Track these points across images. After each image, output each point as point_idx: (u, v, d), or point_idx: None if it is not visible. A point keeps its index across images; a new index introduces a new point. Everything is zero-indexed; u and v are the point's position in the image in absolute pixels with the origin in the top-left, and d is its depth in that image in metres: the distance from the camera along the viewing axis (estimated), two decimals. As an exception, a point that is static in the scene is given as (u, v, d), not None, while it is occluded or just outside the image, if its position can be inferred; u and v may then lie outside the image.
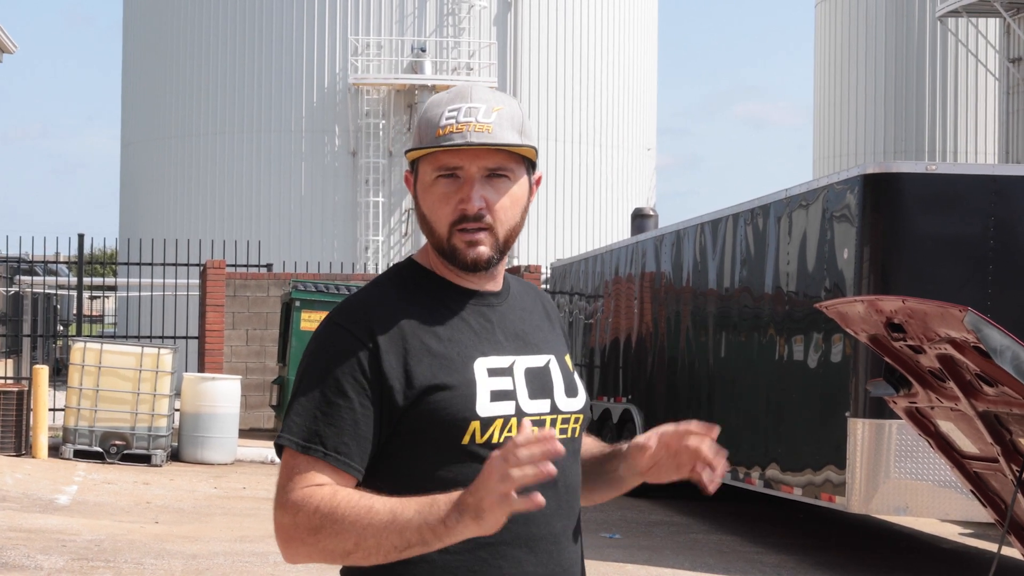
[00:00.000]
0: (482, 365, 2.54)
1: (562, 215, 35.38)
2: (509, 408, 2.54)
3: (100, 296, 46.61)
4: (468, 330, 2.58)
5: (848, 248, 10.87)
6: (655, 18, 38.80)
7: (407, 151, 2.60)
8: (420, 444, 2.52)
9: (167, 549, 11.24)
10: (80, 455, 17.20)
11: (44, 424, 17.40)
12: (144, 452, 17.20)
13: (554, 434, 2.30)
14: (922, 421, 5.29)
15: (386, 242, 33.94)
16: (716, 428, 2.63)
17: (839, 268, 11.03)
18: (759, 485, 12.26)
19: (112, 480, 15.77)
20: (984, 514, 6.45)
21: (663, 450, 2.65)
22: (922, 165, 10.82)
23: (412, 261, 2.67)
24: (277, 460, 2.58)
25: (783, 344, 12.04)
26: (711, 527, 13.78)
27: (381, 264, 33.16)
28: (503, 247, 2.58)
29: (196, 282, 23.02)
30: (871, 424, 10.49)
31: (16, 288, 28.32)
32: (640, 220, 21.87)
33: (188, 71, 35.35)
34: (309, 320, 19.15)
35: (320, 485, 2.45)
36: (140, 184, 36.78)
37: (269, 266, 23.69)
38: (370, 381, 2.50)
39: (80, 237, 21.39)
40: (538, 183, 2.67)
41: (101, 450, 17.17)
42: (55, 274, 33.06)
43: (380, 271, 31.53)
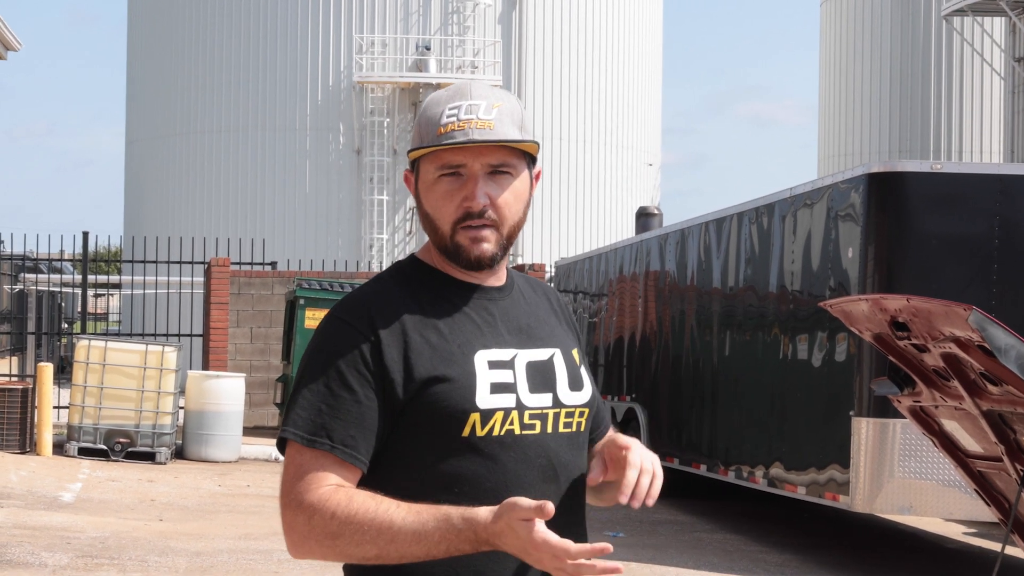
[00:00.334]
0: (483, 358, 2.55)
1: (566, 214, 35.37)
2: (510, 401, 2.54)
3: (104, 294, 46.64)
4: (470, 323, 2.58)
5: (853, 247, 10.86)
6: (660, 17, 38.78)
7: (409, 151, 2.60)
8: (421, 437, 2.52)
9: (171, 547, 11.25)
10: (84, 452, 17.21)
11: (48, 422, 17.42)
12: (148, 450, 17.22)
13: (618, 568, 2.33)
14: (926, 420, 5.29)
15: (390, 240, 33.95)
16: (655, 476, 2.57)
17: (843, 267, 11.02)
18: (763, 484, 12.25)
19: (116, 478, 15.78)
20: (988, 513, 6.44)
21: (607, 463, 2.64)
22: (927, 164, 10.80)
23: (414, 258, 2.68)
24: (281, 458, 2.57)
25: (787, 343, 12.03)
26: (715, 526, 13.78)
27: (385, 262, 33.16)
28: (506, 243, 2.59)
29: (200, 280, 23.03)
30: (875, 423, 10.48)
31: (21, 286, 28.33)
32: (644, 219, 21.87)
33: (193, 69, 35.35)
34: (313, 318, 19.15)
35: (332, 486, 2.46)
36: (145, 182, 36.79)
37: (273, 264, 23.68)
38: (373, 373, 2.51)
39: (85, 235, 21.42)
40: (538, 177, 2.67)
41: (105, 448, 17.19)
42: (60, 272, 33.11)
43: (384, 269, 31.47)
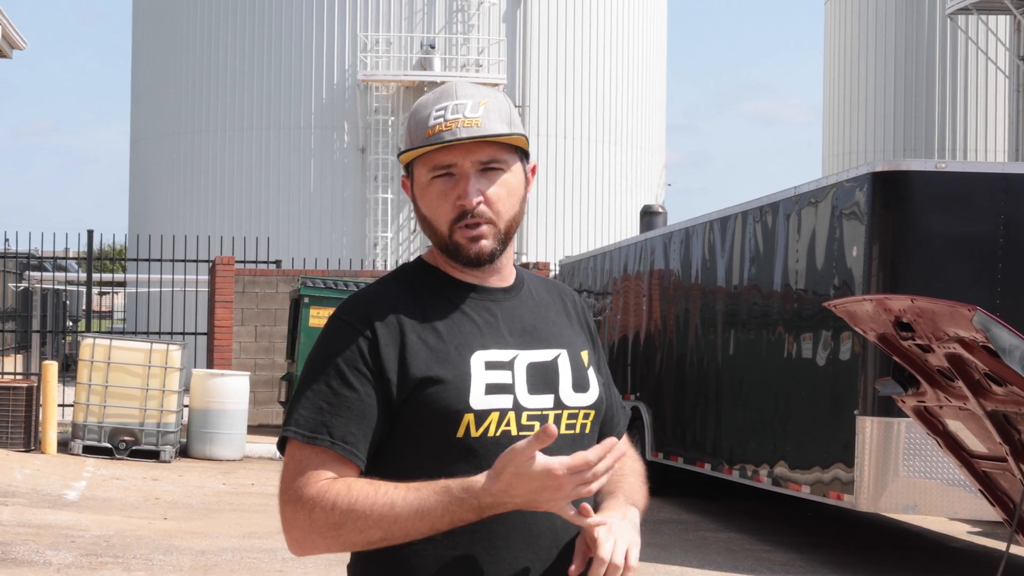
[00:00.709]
0: (480, 358, 2.55)
1: (571, 212, 35.35)
2: (506, 402, 2.54)
3: (109, 292, 46.66)
4: (470, 324, 2.59)
5: (857, 246, 10.86)
6: (664, 15, 38.76)
7: (399, 153, 2.62)
8: (416, 437, 2.54)
9: (176, 545, 11.26)
10: (89, 451, 17.22)
11: (53, 420, 17.43)
12: (153, 448, 17.23)
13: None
14: (931, 420, 5.29)
15: (395, 238, 33.95)
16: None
17: (848, 266, 11.02)
18: (767, 483, 12.25)
19: (121, 476, 15.79)
20: (993, 513, 6.44)
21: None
22: (932, 163, 10.80)
23: (419, 260, 2.69)
24: (281, 456, 2.59)
25: (792, 342, 12.02)
26: (720, 525, 13.78)
27: (390, 260, 33.17)
28: (505, 238, 2.60)
29: (205, 278, 23.03)
30: (880, 422, 10.48)
31: (25, 284, 28.36)
32: (649, 217, 21.86)
33: (198, 67, 35.37)
34: (318, 316, 19.15)
35: (330, 479, 2.48)
36: (149, 180, 36.81)
37: (278, 262, 23.68)
38: (372, 371, 2.52)
39: (89, 233, 21.44)
40: (534, 172, 2.68)
41: (110, 446, 17.20)
42: (64, 270, 33.13)
43: (389, 267, 31.63)
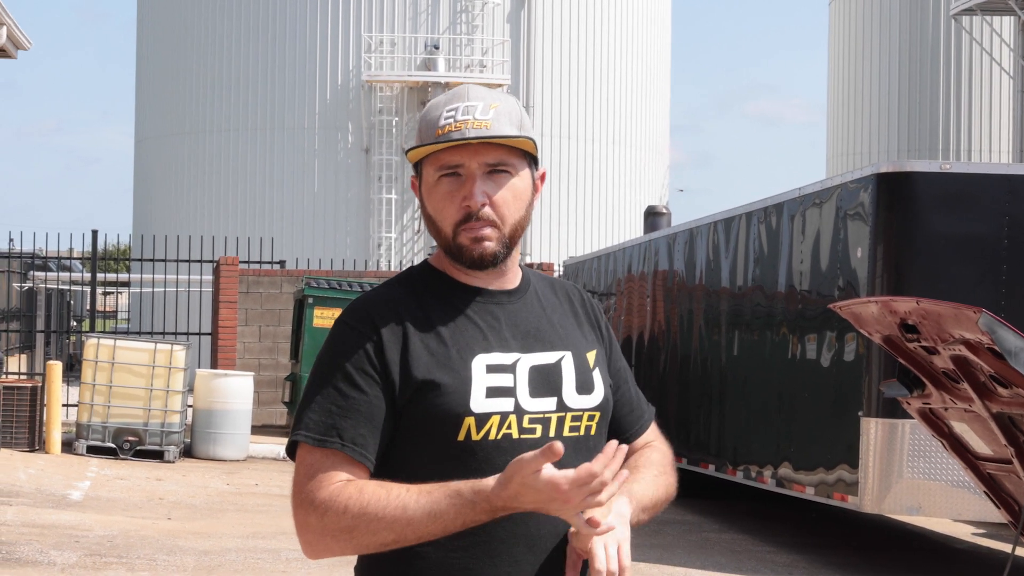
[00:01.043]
0: (481, 362, 2.56)
1: (575, 213, 35.35)
2: (508, 405, 2.55)
3: (113, 292, 46.69)
4: (473, 328, 2.59)
5: (862, 247, 10.85)
6: (668, 15, 38.75)
7: (407, 150, 2.63)
8: (418, 440, 2.54)
9: (179, 545, 11.26)
10: (93, 451, 17.23)
11: (57, 420, 17.44)
12: (157, 448, 17.24)
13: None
14: (936, 422, 5.28)
15: (399, 239, 33.95)
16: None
17: (852, 267, 11.01)
18: (771, 484, 12.24)
19: (125, 476, 15.79)
20: (997, 515, 6.43)
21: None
22: (936, 164, 10.79)
23: (425, 263, 2.70)
24: (288, 458, 2.59)
25: (796, 343, 12.02)
26: (723, 526, 13.77)
27: (394, 261, 33.17)
28: (509, 242, 2.60)
29: (209, 278, 23.04)
30: (884, 423, 10.47)
31: (30, 284, 28.37)
32: (653, 218, 21.87)
33: (202, 68, 35.37)
34: (322, 317, 19.15)
35: (342, 482, 2.48)
36: (153, 180, 36.82)
37: (282, 263, 23.68)
38: (379, 373, 2.54)
39: (94, 233, 21.44)
40: (543, 179, 2.68)
41: (114, 446, 17.21)
42: (69, 270, 33.12)
43: (393, 268, 31.62)
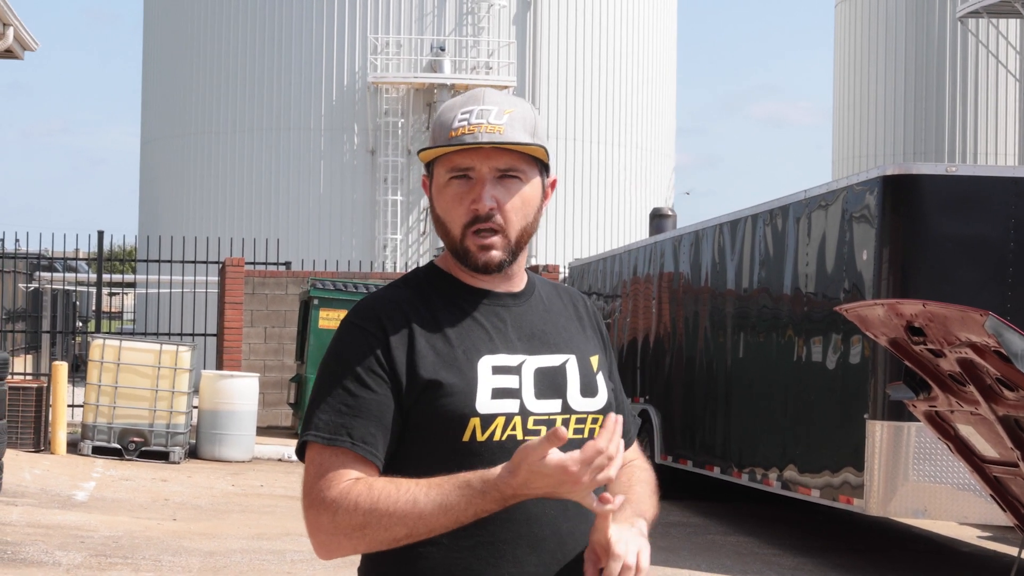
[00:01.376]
0: (487, 363, 2.56)
1: (580, 215, 35.35)
2: (513, 406, 2.56)
3: (119, 293, 46.73)
4: (479, 329, 2.60)
5: (867, 249, 10.84)
6: (674, 17, 38.75)
7: (420, 151, 2.63)
8: (423, 440, 2.55)
9: (184, 546, 11.26)
10: (98, 451, 17.24)
11: (63, 420, 17.45)
12: (162, 449, 17.25)
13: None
14: (942, 425, 5.27)
15: (404, 240, 33.96)
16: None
17: (858, 269, 11.00)
18: (777, 487, 12.23)
19: (130, 477, 15.80)
20: (1003, 518, 6.42)
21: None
22: (942, 166, 10.78)
23: (431, 264, 2.70)
24: (294, 458, 2.59)
25: (801, 345, 12.01)
26: (729, 528, 13.76)
27: (399, 262, 33.18)
28: (515, 249, 2.61)
29: (215, 279, 23.05)
30: (890, 426, 10.46)
31: (36, 284, 28.40)
32: (658, 220, 21.87)
33: (208, 69, 35.40)
34: (327, 318, 19.16)
35: (352, 480, 2.49)
36: (160, 181, 36.85)
37: (288, 264, 23.70)
38: (387, 372, 2.54)
39: (100, 234, 21.47)
40: (553, 186, 2.69)
41: (119, 447, 17.21)
42: (75, 271, 33.16)
43: (398, 269, 31.65)
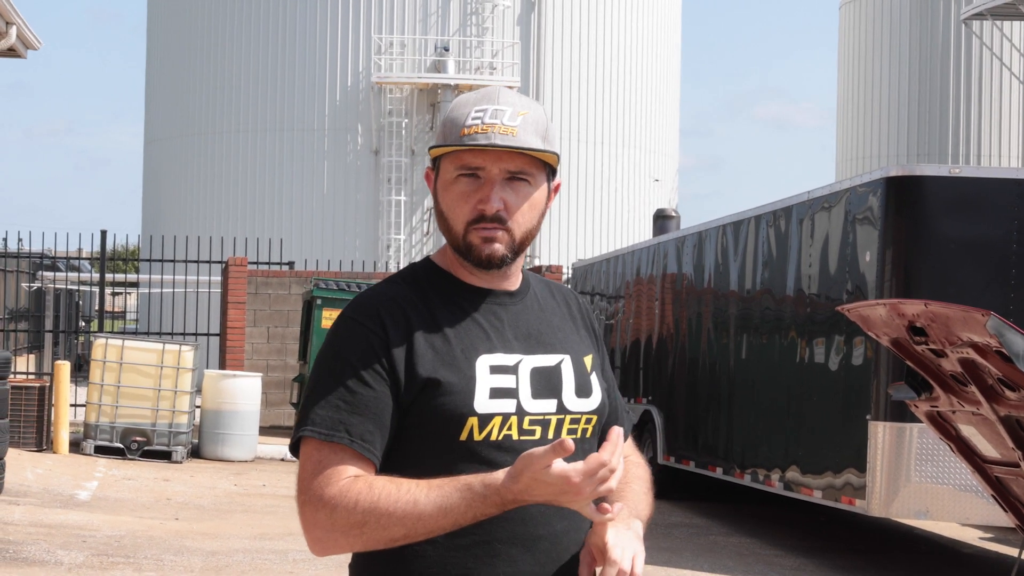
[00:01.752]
0: (485, 362, 2.56)
1: (584, 215, 35.35)
2: (510, 406, 2.55)
3: (122, 292, 46.76)
4: (476, 328, 2.60)
5: (870, 251, 10.84)
6: (678, 18, 38.76)
7: (431, 147, 2.62)
8: (421, 440, 2.54)
9: (187, 546, 11.27)
10: (101, 451, 17.25)
11: (65, 420, 17.46)
12: (165, 448, 17.25)
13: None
14: (943, 425, 5.27)
15: (407, 240, 33.97)
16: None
17: (861, 271, 11.00)
18: (779, 487, 12.23)
19: (132, 476, 15.81)
20: (1005, 519, 6.42)
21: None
22: (946, 168, 10.77)
23: (428, 260, 2.69)
24: (294, 458, 2.59)
25: (804, 346, 12.01)
26: (731, 529, 13.76)
27: (402, 263, 33.17)
28: (518, 248, 2.60)
29: (218, 279, 23.05)
30: (892, 427, 10.45)
31: (38, 284, 28.42)
32: (662, 221, 21.86)
33: (212, 69, 35.42)
34: (330, 318, 19.16)
35: (351, 478, 2.48)
36: (163, 181, 36.88)
37: (291, 264, 23.71)
38: (386, 370, 2.53)
39: (103, 233, 21.47)
40: (556, 190, 2.69)
41: (122, 446, 17.22)
42: (77, 270, 33.16)
43: (399, 270, 31.51)
